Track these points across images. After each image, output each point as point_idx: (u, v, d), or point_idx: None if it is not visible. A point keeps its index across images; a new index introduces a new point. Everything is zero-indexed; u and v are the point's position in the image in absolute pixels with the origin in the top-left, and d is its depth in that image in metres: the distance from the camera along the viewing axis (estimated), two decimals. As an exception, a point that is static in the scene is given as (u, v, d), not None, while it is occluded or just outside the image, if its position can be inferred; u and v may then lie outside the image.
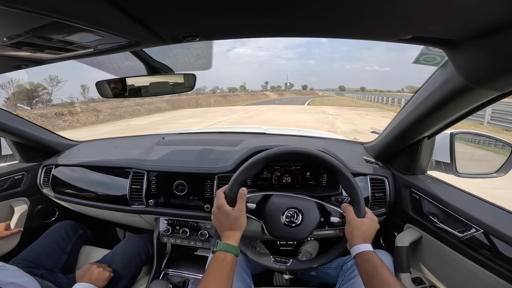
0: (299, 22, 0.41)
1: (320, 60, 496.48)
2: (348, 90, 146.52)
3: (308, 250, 1.20)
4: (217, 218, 0.69)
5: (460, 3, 0.33)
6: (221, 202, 0.69)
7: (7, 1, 0.28)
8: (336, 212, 0.75)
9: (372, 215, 0.72)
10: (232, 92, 58.97)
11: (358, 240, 0.66)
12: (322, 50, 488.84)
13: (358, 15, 0.38)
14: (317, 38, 0.97)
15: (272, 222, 0.75)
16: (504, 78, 0.47)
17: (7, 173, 1.20)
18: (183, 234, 1.08)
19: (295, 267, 0.76)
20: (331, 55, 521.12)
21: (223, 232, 0.68)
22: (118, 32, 0.43)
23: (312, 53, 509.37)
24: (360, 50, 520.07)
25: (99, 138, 1.59)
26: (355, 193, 0.73)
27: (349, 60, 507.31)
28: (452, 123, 0.75)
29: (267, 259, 0.76)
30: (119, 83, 0.81)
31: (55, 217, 1.38)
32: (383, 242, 1.10)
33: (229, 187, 0.73)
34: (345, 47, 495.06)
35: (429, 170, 0.99)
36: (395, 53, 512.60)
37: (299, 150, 0.78)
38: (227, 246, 0.63)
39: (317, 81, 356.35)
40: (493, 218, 0.68)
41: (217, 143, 1.23)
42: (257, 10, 0.37)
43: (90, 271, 0.85)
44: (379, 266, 0.60)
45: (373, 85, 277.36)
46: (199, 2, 0.33)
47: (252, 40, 29.15)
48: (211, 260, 0.63)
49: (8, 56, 0.52)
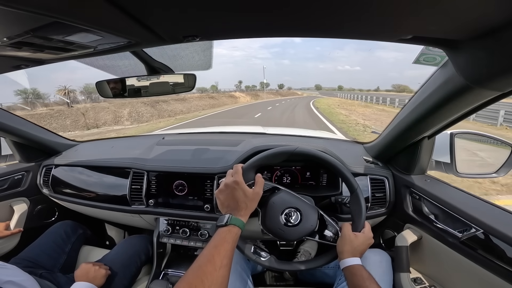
0: (299, 22, 0.41)
1: (294, 60, 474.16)
2: (325, 89, 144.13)
3: (307, 250, 1.20)
4: (231, 193, 0.66)
5: (460, 3, 0.33)
6: (241, 178, 0.67)
7: (7, 1, 0.28)
8: (333, 228, 0.76)
9: (369, 232, 0.74)
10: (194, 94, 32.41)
11: (347, 254, 0.68)
12: (297, 50, 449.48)
13: (358, 15, 0.38)
14: (317, 38, 0.97)
15: (270, 214, 0.75)
16: (504, 78, 0.47)
17: (7, 173, 1.20)
18: (183, 234, 1.08)
19: (271, 265, 0.75)
20: (306, 55, 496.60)
21: (236, 209, 0.65)
22: (118, 32, 0.43)
23: (287, 53, 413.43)
24: (332, 50, 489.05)
25: (99, 138, 1.59)
26: (360, 213, 0.74)
27: (322, 60, 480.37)
28: (452, 123, 0.75)
29: (248, 247, 0.76)
30: (119, 83, 0.81)
31: (55, 217, 1.38)
32: (383, 242, 1.10)
33: (246, 166, 0.73)
34: (318, 47, 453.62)
35: (429, 170, 0.99)
36: (365, 53, 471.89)
37: (326, 158, 0.78)
38: (240, 222, 0.63)
39: (292, 81, 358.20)
40: (493, 218, 0.68)
41: (217, 143, 1.23)
42: (257, 10, 0.37)
43: (86, 270, 0.85)
44: (366, 279, 0.61)
45: (348, 83, 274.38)
46: (199, 2, 0.33)
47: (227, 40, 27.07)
48: (222, 232, 0.61)
49: (8, 56, 0.52)
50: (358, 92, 49.89)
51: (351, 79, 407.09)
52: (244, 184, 0.67)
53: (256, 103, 32.51)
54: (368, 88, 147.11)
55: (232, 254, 0.58)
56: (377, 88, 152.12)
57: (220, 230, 0.61)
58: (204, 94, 37.70)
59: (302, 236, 0.74)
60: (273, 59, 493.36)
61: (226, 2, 0.34)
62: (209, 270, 0.52)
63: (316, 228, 0.75)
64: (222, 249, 0.56)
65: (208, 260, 0.54)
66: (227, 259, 0.56)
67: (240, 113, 17.16)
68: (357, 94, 35.92)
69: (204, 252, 0.56)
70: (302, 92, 70.73)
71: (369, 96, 27.47)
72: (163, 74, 0.78)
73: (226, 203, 0.67)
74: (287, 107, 21.72)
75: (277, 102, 33.44)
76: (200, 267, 0.53)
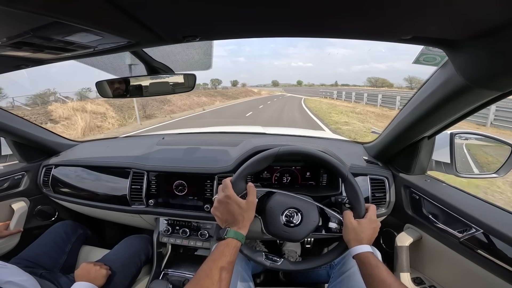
0: (299, 23, 0.41)
1: (250, 57, 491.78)
2: (282, 85, 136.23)
3: (292, 249, 1.20)
4: (225, 208, 0.67)
5: (460, 3, 0.33)
6: (232, 192, 0.67)
7: (7, 1, 0.28)
8: (335, 218, 0.76)
9: (373, 215, 0.72)
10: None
11: (353, 242, 0.67)
12: (252, 47, 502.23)
13: (359, 15, 0.38)
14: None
15: (271, 219, 0.75)
16: (504, 78, 0.47)
17: (7, 173, 1.20)
18: (183, 234, 1.08)
19: (288, 267, 0.75)
20: (261, 52, 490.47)
21: (234, 222, 0.66)
22: (118, 32, 0.43)
23: (242, 51, 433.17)
24: (286, 47, 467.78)
25: (99, 138, 1.59)
26: (357, 198, 0.73)
27: (276, 57, 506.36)
28: (452, 123, 0.75)
29: (258, 254, 0.76)
30: (119, 83, 0.81)
31: (55, 217, 1.38)
32: (383, 242, 1.10)
33: (234, 178, 0.73)
34: (273, 44, 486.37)
35: (429, 170, 0.99)
36: (316, 50, 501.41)
37: (310, 151, 0.78)
38: (239, 235, 0.63)
39: (248, 78, 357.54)
40: (493, 218, 0.68)
41: (217, 143, 1.23)
42: (257, 11, 0.37)
43: (87, 270, 0.85)
44: (375, 267, 0.60)
45: (304, 79, 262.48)
46: (199, 2, 0.33)
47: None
48: (220, 245, 0.61)
49: (8, 56, 0.52)
50: (347, 88, 37.21)
51: (303, 75, 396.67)
52: (236, 197, 0.67)
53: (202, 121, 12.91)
54: (330, 83, 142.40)
55: (231, 268, 0.58)
56: (335, 83, 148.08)
57: (218, 244, 0.62)
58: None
59: (308, 233, 0.73)
60: (228, 57, 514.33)
61: (226, 2, 0.34)
62: (207, 284, 0.53)
63: (319, 222, 0.75)
64: (220, 263, 0.56)
65: (206, 275, 0.54)
66: (226, 273, 0.56)
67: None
68: (340, 91, 23.46)
69: (203, 266, 0.57)
70: (259, 90, 51.30)
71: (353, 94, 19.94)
72: (163, 74, 0.78)
73: (224, 218, 0.67)
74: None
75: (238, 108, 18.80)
76: (198, 282, 0.53)
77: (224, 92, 35.69)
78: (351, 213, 0.72)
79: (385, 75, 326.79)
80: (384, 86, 79.99)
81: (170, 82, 0.81)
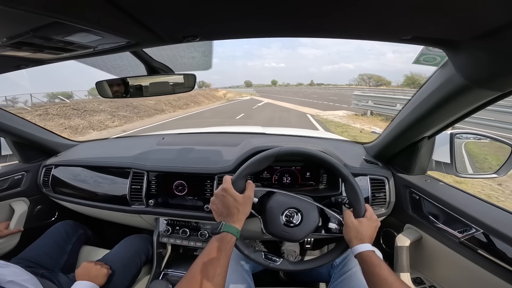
0: (299, 22, 0.41)
1: (223, 58, 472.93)
2: (256, 86, 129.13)
3: (291, 249, 1.21)
4: (221, 201, 0.67)
5: (460, 4, 0.33)
6: (229, 186, 0.68)
7: (7, 1, 0.28)
8: (335, 219, 0.76)
9: (372, 214, 0.72)
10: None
11: (355, 242, 0.67)
12: (225, 48, 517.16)
13: (359, 15, 0.38)
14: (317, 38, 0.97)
15: (271, 219, 0.75)
16: (504, 78, 0.47)
17: (7, 173, 1.20)
18: (183, 234, 1.08)
19: (287, 267, 0.75)
20: (234, 53, 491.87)
21: (229, 216, 0.65)
22: (118, 32, 0.43)
23: (216, 51, 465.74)
24: (260, 48, 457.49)
25: (99, 138, 1.59)
26: (357, 198, 0.73)
27: (250, 58, 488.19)
28: (452, 123, 0.75)
29: (258, 255, 0.76)
30: (119, 83, 0.81)
31: (55, 217, 1.38)
32: (383, 242, 1.10)
33: (235, 177, 0.73)
34: (247, 45, 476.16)
35: (429, 170, 0.99)
36: (288, 51, 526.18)
37: (311, 152, 0.78)
38: (234, 229, 0.63)
39: (222, 79, 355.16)
40: (493, 218, 0.68)
41: (217, 143, 1.23)
42: (257, 10, 0.37)
43: (88, 269, 0.85)
44: (377, 266, 0.60)
45: (278, 79, 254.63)
46: (199, 2, 0.33)
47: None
48: (215, 240, 0.60)
49: (8, 56, 0.52)
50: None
51: (276, 75, 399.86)
52: (232, 190, 0.67)
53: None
54: (306, 82, 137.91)
55: (227, 262, 0.57)
56: (311, 82, 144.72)
57: (213, 239, 0.61)
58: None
59: (307, 233, 0.73)
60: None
61: (226, 2, 0.34)
62: (202, 280, 0.52)
63: (319, 223, 0.75)
64: (215, 258, 0.56)
65: (201, 270, 0.54)
66: (221, 268, 0.55)
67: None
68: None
69: (197, 261, 0.56)
70: (225, 92, 38.04)
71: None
72: (163, 74, 0.78)
73: (219, 212, 0.67)
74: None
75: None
76: (193, 277, 0.52)
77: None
78: (351, 212, 0.72)
79: (353, 75, 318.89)
80: (380, 84, 72.00)
81: (170, 82, 0.81)
